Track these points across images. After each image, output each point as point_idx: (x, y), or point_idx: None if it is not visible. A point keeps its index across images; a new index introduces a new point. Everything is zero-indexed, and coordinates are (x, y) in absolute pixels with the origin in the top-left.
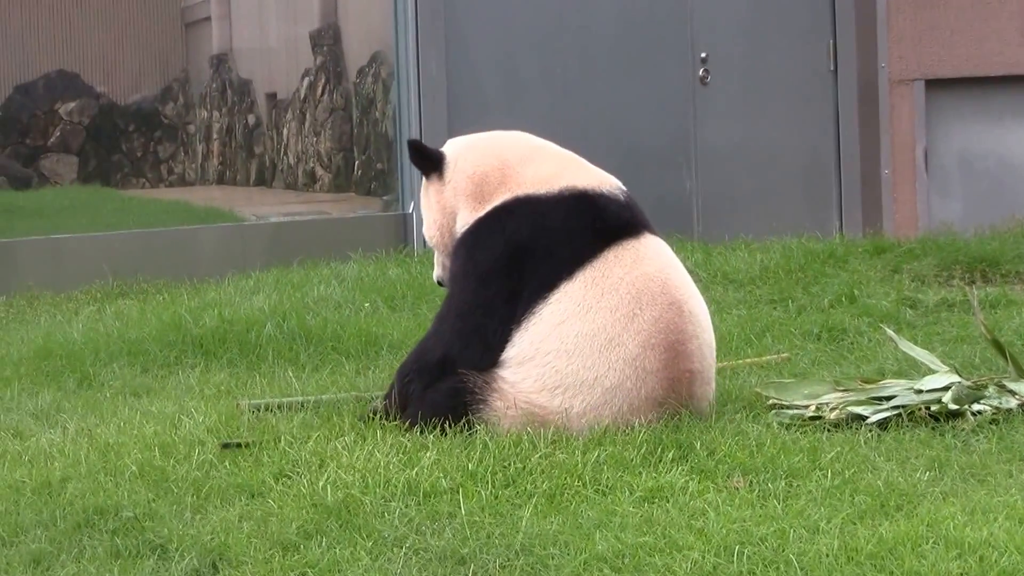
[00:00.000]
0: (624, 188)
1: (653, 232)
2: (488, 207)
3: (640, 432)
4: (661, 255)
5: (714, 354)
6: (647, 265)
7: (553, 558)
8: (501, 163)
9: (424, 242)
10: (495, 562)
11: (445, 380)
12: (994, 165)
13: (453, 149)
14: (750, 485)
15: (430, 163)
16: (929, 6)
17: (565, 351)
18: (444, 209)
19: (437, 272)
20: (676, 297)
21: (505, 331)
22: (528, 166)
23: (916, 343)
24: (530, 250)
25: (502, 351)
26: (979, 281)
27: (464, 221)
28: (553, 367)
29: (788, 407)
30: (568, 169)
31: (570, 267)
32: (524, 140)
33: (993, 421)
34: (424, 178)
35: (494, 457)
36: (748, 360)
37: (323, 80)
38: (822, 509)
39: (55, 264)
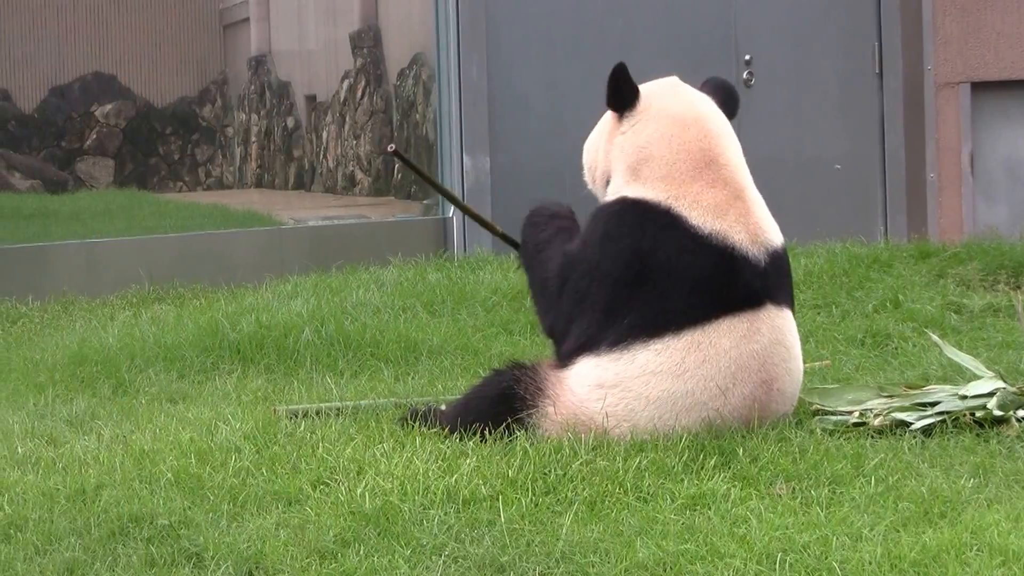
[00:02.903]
0: (775, 244)
1: (778, 300)
2: (637, 188)
3: (682, 439)
4: (774, 330)
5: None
6: (755, 342)
7: (594, 566)
8: (672, 160)
9: (464, 247)
10: (535, 570)
11: (495, 383)
12: None
13: (645, 101)
14: (793, 492)
15: (616, 100)
16: (975, 8)
17: (647, 397)
18: (607, 155)
19: None
20: (771, 375)
21: (590, 336)
22: (695, 183)
23: (961, 348)
24: (653, 278)
25: (579, 354)
26: None
27: (615, 187)
28: (630, 406)
29: (832, 413)
30: (733, 208)
31: (680, 322)
32: (706, 146)
33: None
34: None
35: (534, 464)
36: None
37: (363, 82)
38: (865, 516)
39: (90, 269)
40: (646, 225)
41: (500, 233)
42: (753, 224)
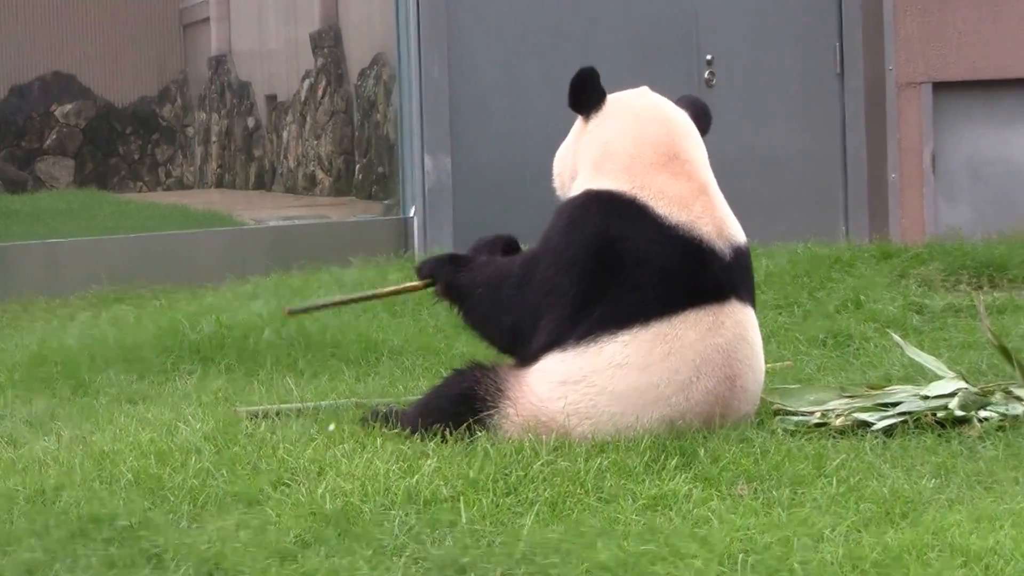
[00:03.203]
0: (739, 240)
1: (742, 296)
2: (601, 181)
3: (643, 439)
4: (738, 325)
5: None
6: (719, 336)
7: (555, 567)
8: (636, 152)
9: (425, 247)
10: (496, 571)
11: (455, 383)
12: (1002, 169)
13: (611, 103)
14: (754, 492)
15: (577, 102)
16: (936, 8)
17: (611, 392)
18: (574, 156)
19: None
20: (734, 371)
21: (560, 331)
22: (659, 175)
23: (923, 349)
24: (621, 267)
25: (547, 351)
26: (986, 286)
27: (579, 183)
28: (593, 402)
29: (793, 413)
30: (698, 201)
31: (648, 313)
32: (670, 141)
33: (1000, 428)
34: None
35: (495, 465)
36: None
37: (324, 82)
38: (827, 517)
39: (50, 269)
40: (611, 214)
41: (412, 287)
42: (718, 218)
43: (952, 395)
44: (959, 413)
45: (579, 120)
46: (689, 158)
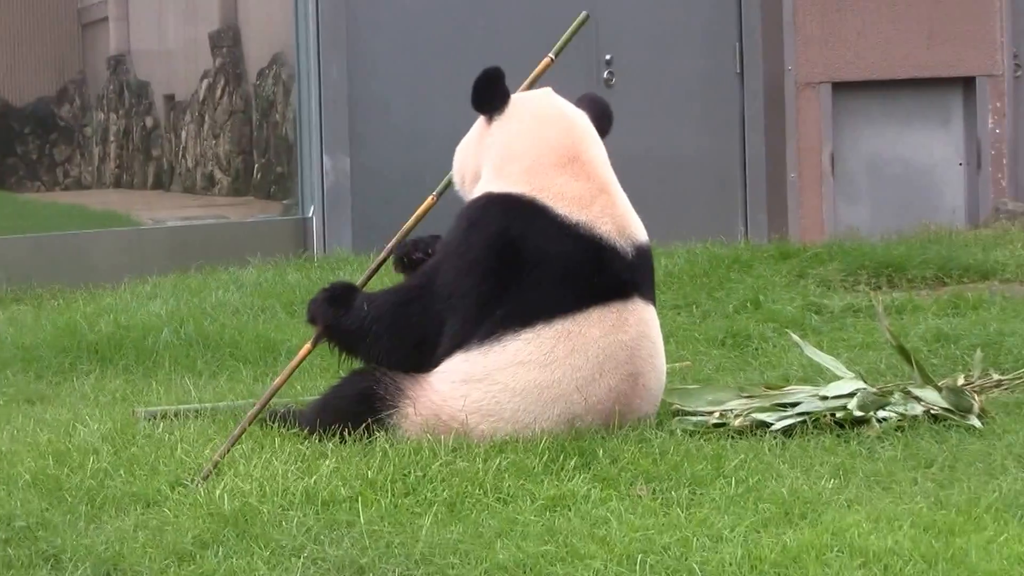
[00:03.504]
0: (640, 239)
1: (644, 295)
2: (501, 183)
3: (542, 439)
4: (641, 323)
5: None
6: (623, 333)
7: (453, 567)
8: (536, 154)
9: (324, 247)
10: (395, 572)
11: (355, 382)
12: (901, 169)
13: (513, 105)
14: (653, 493)
15: (480, 102)
16: (836, 9)
17: (513, 389)
18: (477, 157)
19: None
20: (636, 369)
21: (464, 333)
22: (560, 176)
23: (821, 349)
24: (523, 267)
25: (451, 353)
26: (885, 286)
27: (481, 186)
28: (496, 399)
29: (692, 414)
30: (598, 200)
31: (551, 311)
32: (569, 143)
33: (898, 428)
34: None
35: (394, 465)
36: None
37: (222, 82)
38: (726, 517)
39: None
40: (511, 215)
41: (307, 353)
42: (619, 217)
43: (851, 395)
44: (858, 413)
45: (482, 119)
46: (589, 159)
